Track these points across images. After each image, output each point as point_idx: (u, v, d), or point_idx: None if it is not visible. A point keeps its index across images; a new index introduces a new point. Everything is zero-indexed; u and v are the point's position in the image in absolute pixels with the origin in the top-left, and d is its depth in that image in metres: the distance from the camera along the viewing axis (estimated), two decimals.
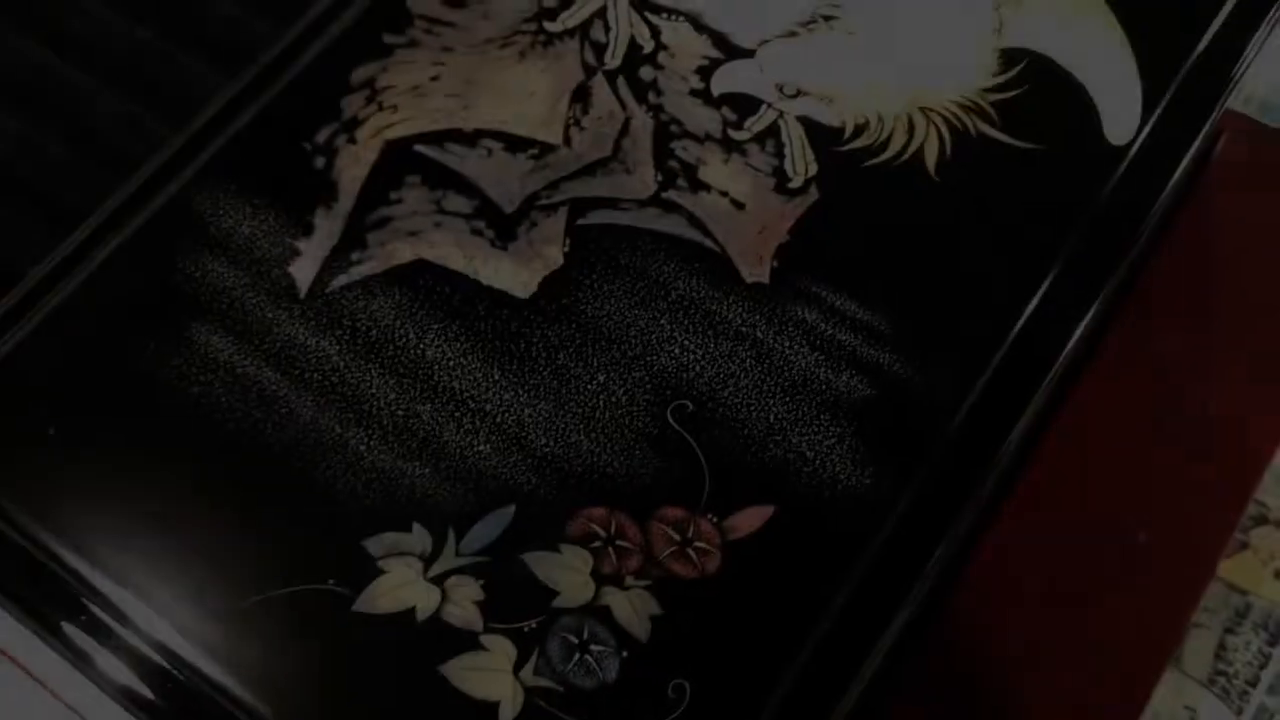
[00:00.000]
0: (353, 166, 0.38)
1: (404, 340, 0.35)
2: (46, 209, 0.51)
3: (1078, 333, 0.35)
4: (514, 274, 0.36)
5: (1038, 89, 0.38)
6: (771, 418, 0.34)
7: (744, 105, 0.39)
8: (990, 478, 0.34)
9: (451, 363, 0.35)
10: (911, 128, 0.38)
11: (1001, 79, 0.38)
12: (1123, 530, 0.46)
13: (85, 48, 0.55)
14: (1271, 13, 0.39)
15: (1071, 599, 0.44)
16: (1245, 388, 0.48)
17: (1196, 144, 0.37)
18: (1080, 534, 0.45)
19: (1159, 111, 0.38)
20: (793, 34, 0.39)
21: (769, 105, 0.38)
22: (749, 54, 0.39)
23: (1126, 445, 0.47)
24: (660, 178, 0.37)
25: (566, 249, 0.36)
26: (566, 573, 0.32)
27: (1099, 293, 0.36)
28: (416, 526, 0.33)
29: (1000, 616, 0.43)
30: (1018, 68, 0.38)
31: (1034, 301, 0.35)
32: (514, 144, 0.38)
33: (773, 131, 0.38)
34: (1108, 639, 0.44)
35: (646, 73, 0.39)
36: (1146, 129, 0.37)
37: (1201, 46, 0.39)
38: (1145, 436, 0.47)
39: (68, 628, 0.32)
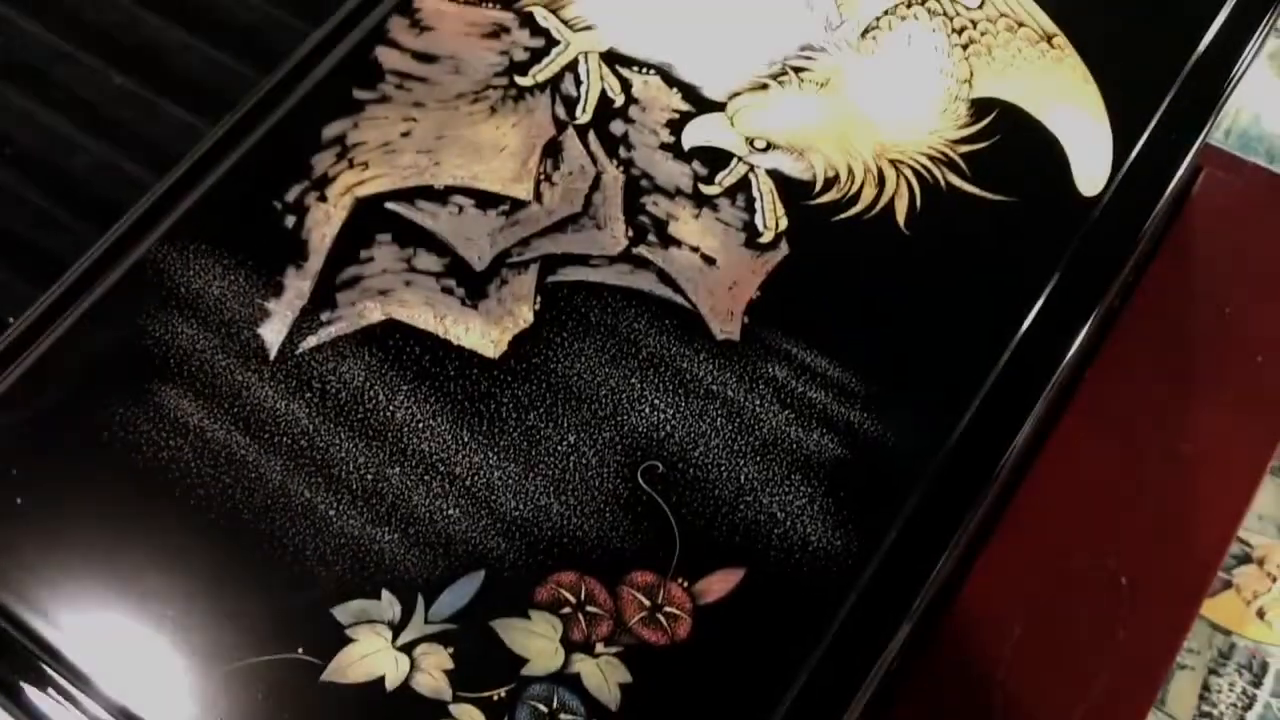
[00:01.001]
0: (323, 225, 0.37)
1: (374, 402, 0.35)
2: (26, 258, 0.51)
3: (1050, 387, 0.35)
4: (484, 333, 0.36)
5: (1008, 140, 0.38)
6: (742, 478, 0.34)
7: (715, 159, 0.38)
8: (963, 536, 0.34)
9: (421, 425, 0.35)
10: (882, 180, 0.38)
11: (972, 130, 0.38)
12: (1105, 573, 0.46)
13: (66, 95, 0.55)
14: (1241, 65, 0.39)
15: (1054, 644, 0.44)
16: (1226, 426, 0.48)
17: (1167, 195, 0.37)
18: (1062, 578, 0.45)
19: (1130, 162, 0.38)
20: (763, 86, 0.39)
21: (740, 159, 0.38)
22: (720, 107, 0.39)
23: (1106, 487, 0.47)
24: (631, 233, 0.37)
25: (537, 307, 0.36)
26: (536, 640, 0.32)
27: (1071, 345, 0.36)
28: (385, 593, 0.32)
29: (981, 665, 0.43)
30: (988, 118, 0.38)
31: (1005, 356, 0.35)
32: (485, 200, 0.38)
33: (743, 185, 0.38)
34: (1092, 682, 0.44)
35: (617, 127, 0.39)
36: (1117, 180, 0.37)
37: (1173, 94, 0.39)
38: (1126, 477, 0.47)
39: (33, 695, 0.32)
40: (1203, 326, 0.49)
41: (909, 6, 0.40)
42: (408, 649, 0.32)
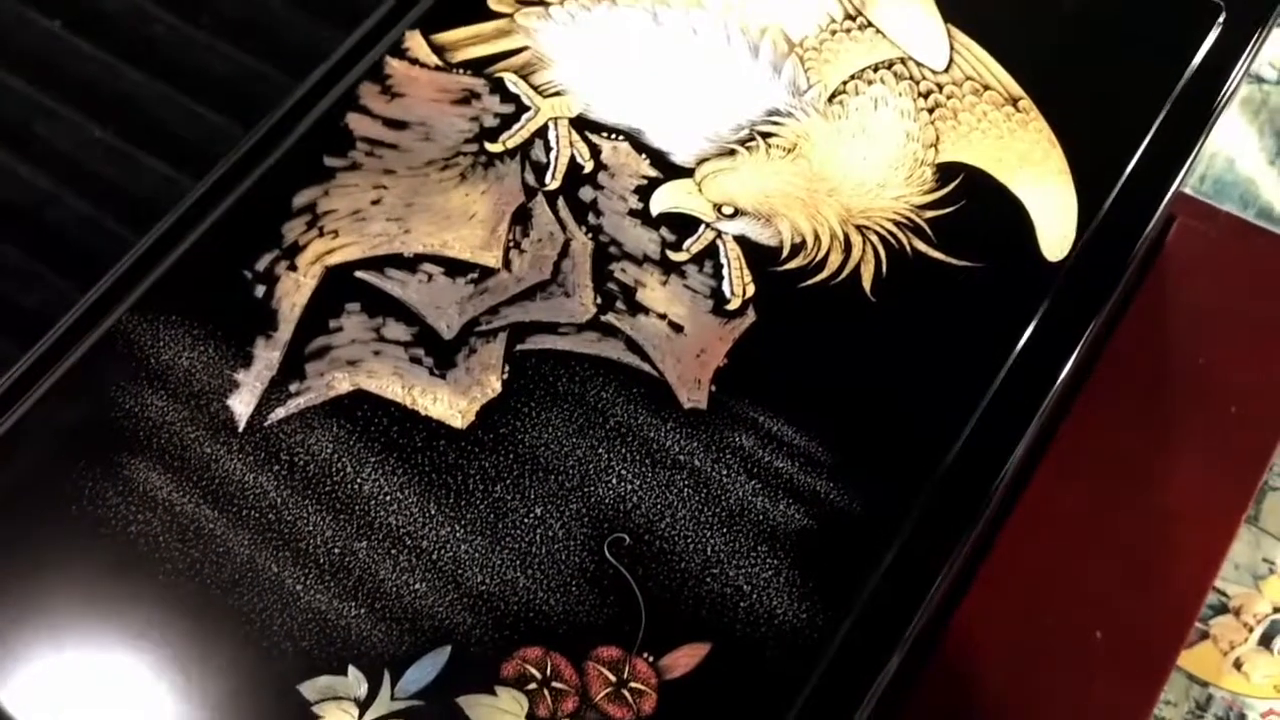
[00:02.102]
0: (293, 294, 0.38)
1: (341, 474, 0.35)
2: (5, 314, 0.51)
3: (1016, 455, 0.35)
4: (452, 403, 0.36)
5: (973, 204, 0.38)
6: (709, 550, 0.34)
7: (683, 225, 0.39)
8: (931, 603, 0.34)
9: (388, 497, 0.35)
10: (848, 246, 0.38)
11: (937, 195, 0.38)
12: (1081, 627, 0.46)
13: (45, 149, 0.55)
14: (1207, 128, 0.39)
15: (1030, 700, 0.44)
16: (1202, 476, 0.48)
17: (1133, 259, 0.37)
18: (1037, 633, 0.45)
19: (1094, 226, 0.38)
20: (731, 152, 0.39)
21: (707, 225, 0.39)
22: (688, 173, 0.39)
23: (1081, 539, 0.47)
24: (599, 300, 0.37)
25: (505, 376, 0.36)
26: (501, 716, 0.32)
27: (1036, 411, 0.36)
28: (352, 669, 0.32)
29: None
30: (953, 183, 0.39)
31: (971, 423, 0.35)
32: (454, 268, 0.38)
33: (711, 252, 0.38)
34: None
35: (586, 193, 0.39)
36: (1082, 245, 0.37)
37: (1138, 157, 0.39)
38: (1101, 529, 0.47)
39: None
40: (1177, 376, 0.50)
41: (875, 71, 0.40)
42: None
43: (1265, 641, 0.48)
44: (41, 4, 0.59)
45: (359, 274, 0.38)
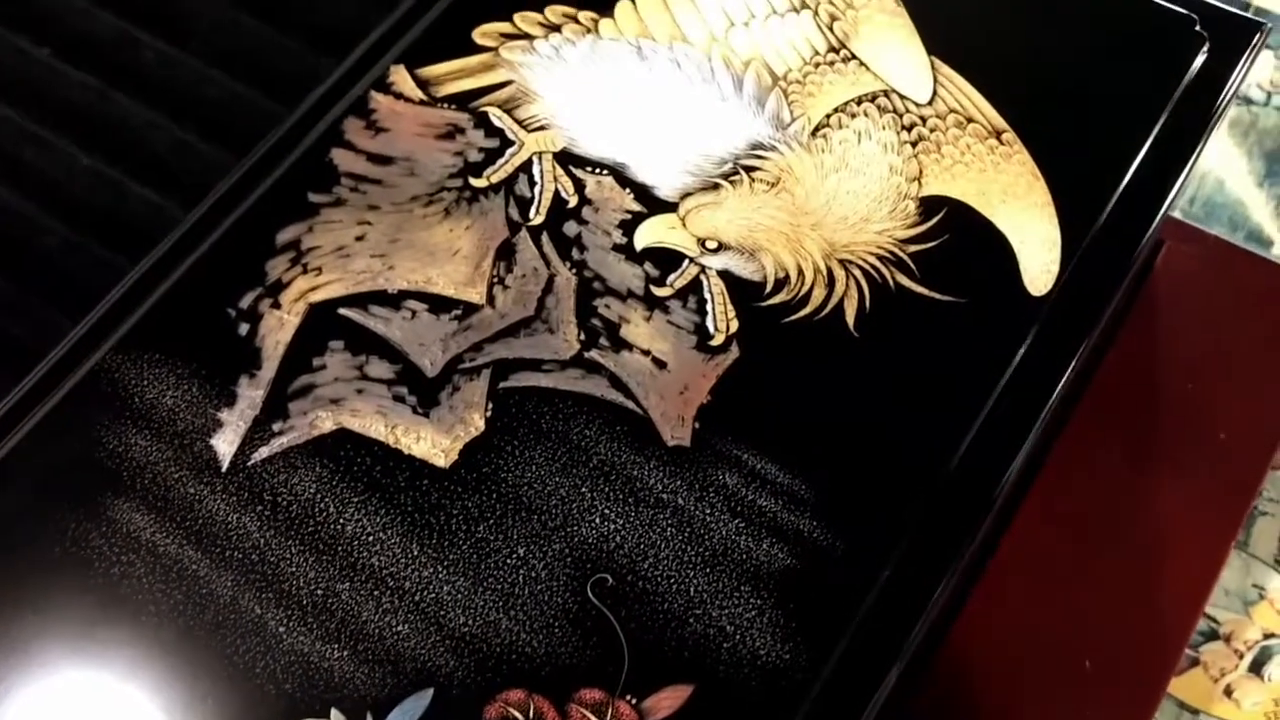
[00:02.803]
0: (276, 331, 0.38)
1: (324, 515, 0.35)
2: None
3: (1001, 491, 0.35)
4: (435, 442, 0.36)
5: (957, 238, 0.38)
6: (691, 590, 0.34)
7: (667, 260, 0.39)
8: (917, 640, 0.34)
9: (371, 538, 0.35)
10: (831, 281, 0.38)
11: (921, 229, 0.38)
12: (1070, 655, 0.46)
13: (34, 176, 0.55)
14: (1194, 156, 0.39)
15: None
16: (1191, 502, 0.48)
17: (1117, 293, 0.37)
18: (1026, 662, 0.45)
19: (1077, 260, 0.38)
20: (715, 186, 0.39)
21: (691, 260, 0.39)
22: (672, 207, 0.39)
23: (1071, 567, 0.47)
24: (583, 337, 0.37)
25: (488, 414, 0.36)
26: None
27: (1020, 448, 0.36)
28: (335, 712, 0.32)
29: None
30: (937, 217, 0.39)
31: (955, 460, 0.35)
32: (437, 305, 0.38)
33: (695, 287, 0.38)
34: None
35: (571, 228, 0.39)
36: (1065, 279, 0.37)
37: (1122, 190, 0.39)
38: (1090, 556, 0.47)
39: None
40: (1166, 402, 0.50)
41: (859, 104, 0.40)
42: None
43: (1256, 668, 0.48)
44: (31, 31, 0.59)
45: (342, 311, 0.38)
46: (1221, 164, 0.57)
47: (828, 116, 0.40)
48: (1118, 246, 0.38)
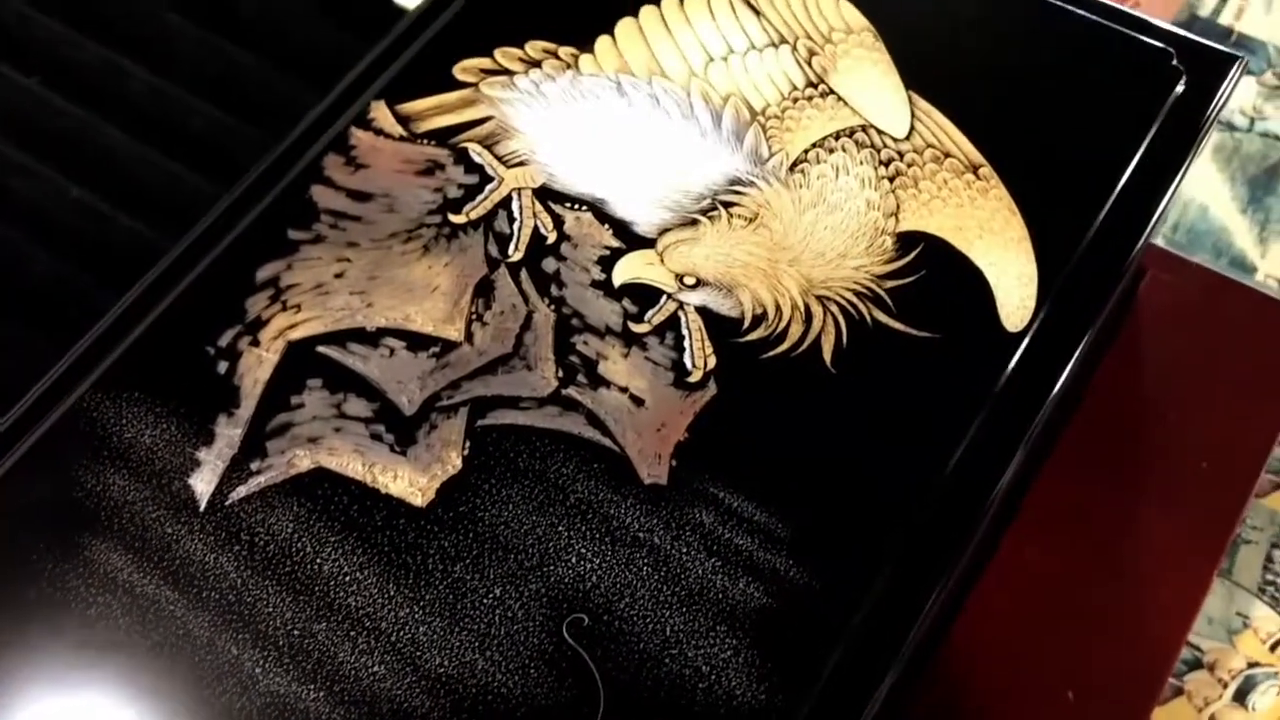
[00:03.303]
0: (255, 369, 0.38)
1: (301, 554, 0.35)
2: None
3: (979, 527, 0.35)
4: (412, 480, 0.36)
5: (934, 274, 0.38)
6: (668, 630, 0.34)
7: (645, 296, 0.39)
8: (894, 677, 0.34)
9: (347, 577, 0.35)
10: (809, 317, 0.38)
11: (898, 264, 0.39)
12: (1052, 687, 0.45)
13: (22, 207, 0.55)
14: (1170, 190, 0.39)
15: None
16: (1173, 532, 0.48)
17: (1094, 328, 0.37)
18: (1008, 694, 0.45)
19: (1054, 296, 0.38)
20: (693, 222, 0.40)
21: (669, 296, 0.39)
22: (650, 243, 0.39)
23: (1052, 598, 0.47)
24: (561, 374, 0.38)
25: (466, 452, 0.36)
26: None
27: (998, 483, 0.36)
28: None
29: None
30: (914, 252, 0.39)
31: (932, 496, 0.35)
32: (416, 342, 0.38)
33: (673, 323, 0.38)
34: None
35: (549, 264, 0.39)
36: (1042, 315, 0.38)
37: (1098, 225, 0.39)
38: (1072, 587, 0.47)
39: None
40: (1148, 432, 0.50)
41: (837, 139, 0.41)
42: None
43: (1240, 697, 0.48)
44: (18, 60, 0.59)
45: (321, 349, 0.38)
46: (1204, 190, 0.57)
47: (806, 152, 0.40)
48: (1094, 283, 0.38)
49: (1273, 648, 0.49)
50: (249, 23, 0.60)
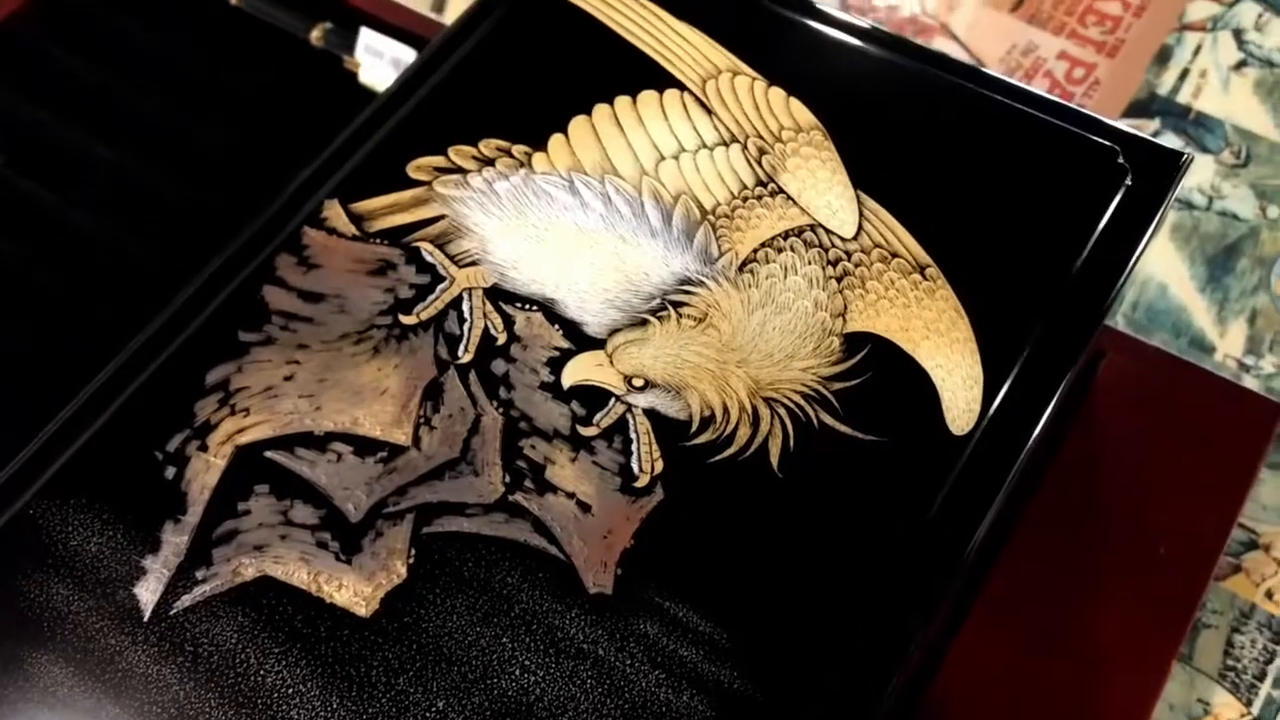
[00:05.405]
0: (203, 475, 0.38)
1: (245, 666, 0.35)
2: None
3: (922, 634, 0.35)
4: (357, 590, 0.36)
5: (880, 376, 0.39)
6: None
7: (594, 398, 0.39)
8: None
9: (291, 690, 0.35)
10: (756, 420, 0.38)
11: (844, 366, 0.39)
12: None
13: None
14: (1118, 287, 0.40)
15: None
16: (1132, 617, 0.48)
17: (1037, 432, 0.38)
18: None
19: (1000, 400, 0.38)
20: (642, 322, 0.40)
21: (618, 398, 0.39)
22: (600, 344, 0.40)
23: (1013, 683, 0.46)
24: (508, 479, 0.38)
25: (411, 561, 0.36)
26: None
27: (946, 591, 0.36)
28: None
29: None
30: (860, 354, 0.39)
31: (878, 604, 0.35)
32: (363, 447, 0.38)
33: (621, 426, 0.38)
34: None
35: (499, 366, 0.40)
36: (987, 419, 0.38)
37: (1045, 325, 0.39)
38: (1033, 672, 0.47)
39: None
40: (1106, 517, 0.50)
41: (786, 239, 0.41)
42: None
43: None
44: None
45: (268, 454, 0.38)
46: (1164, 269, 0.58)
47: (755, 251, 0.41)
48: (1040, 384, 0.38)
49: None
50: (216, 103, 0.61)
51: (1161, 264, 0.58)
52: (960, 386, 0.38)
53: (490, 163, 0.43)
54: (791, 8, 0.46)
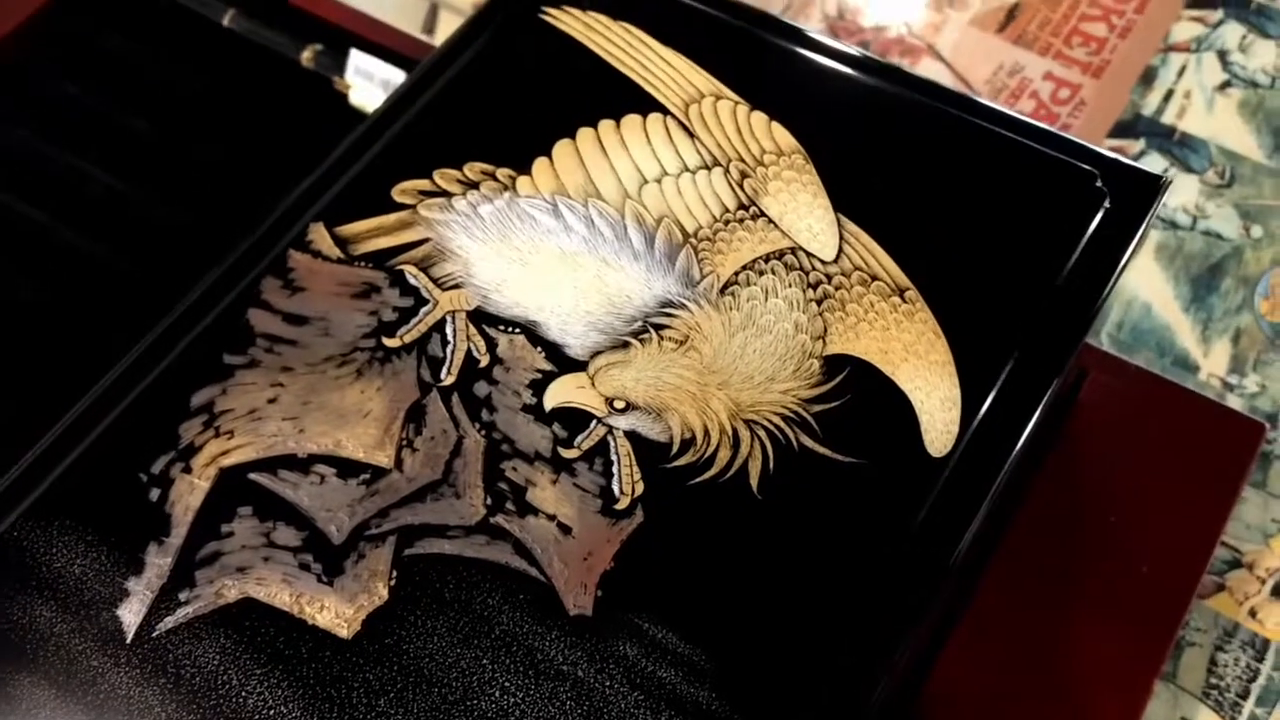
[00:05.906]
0: (186, 497, 0.38)
1: (227, 687, 0.35)
2: None
3: (904, 655, 0.36)
4: (339, 612, 0.36)
5: (859, 398, 0.39)
6: None
7: (575, 421, 0.39)
8: None
9: (272, 711, 0.35)
10: (736, 442, 0.38)
11: (824, 388, 0.39)
12: None
13: None
14: (1096, 309, 0.40)
15: None
16: (1115, 636, 0.48)
17: (1015, 455, 0.38)
18: None
19: (978, 422, 0.38)
20: (624, 345, 0.40)
21: (599, 420, 0.39)
22: (581, 366, 0.40)
23: (995, 703, 0.47)
24: (489, 501, 0.38)
25: (392, 582, 0.37)
26: None
27: (925, 613, 0.36)
28: None
29: None
30: (840, 376, 0.39)
31: (858, 626, 0.36)
32: (346, 469, 0.38)
33: (602, 448, 0.39)
34: None
35: (481, 388, 0.40)
36: (965, 441, 0.38)
37: (1024, 348, 0.40)
38: (1015, 692, 0.47)
39: None
40: (1089, 536, 0.50)
41: (767, 261, 0.41)
42: None
43: None
44: None
45: (252, 476, 0.38)
46: (1148, 289, 0.58)
47: (736, 274, 0.41)
48: (1018, 406, 0.39)
49: None
50: (207, 123, 0.61)
51: (1146, 284, 0.58)
52: (939, 408, 0.39)
53: (475, 186, 0.43)
54: (773, 33, 0.46)
